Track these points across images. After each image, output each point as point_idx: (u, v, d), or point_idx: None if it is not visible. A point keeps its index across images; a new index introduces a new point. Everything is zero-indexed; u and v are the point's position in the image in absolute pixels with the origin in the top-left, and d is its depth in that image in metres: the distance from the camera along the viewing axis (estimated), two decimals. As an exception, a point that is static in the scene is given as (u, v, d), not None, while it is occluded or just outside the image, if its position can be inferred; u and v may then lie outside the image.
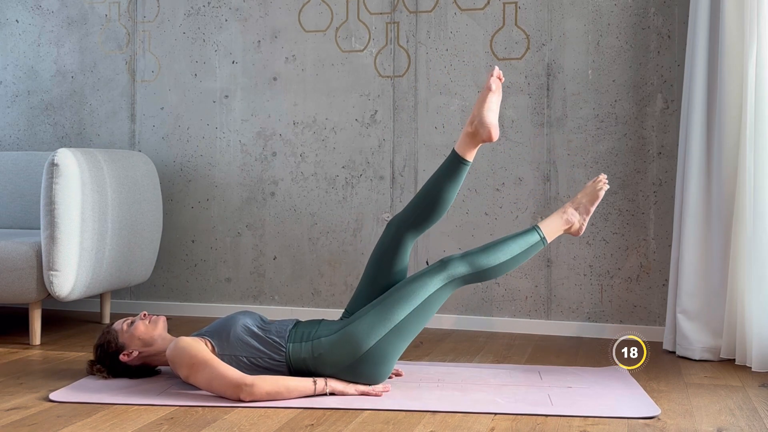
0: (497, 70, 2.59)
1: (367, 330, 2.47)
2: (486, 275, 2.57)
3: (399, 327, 2.48)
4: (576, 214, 2.69)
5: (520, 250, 2.59)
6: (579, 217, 2.69)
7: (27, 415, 2.29)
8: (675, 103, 3.34)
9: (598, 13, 3.42)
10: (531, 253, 2.62)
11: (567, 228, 2.69)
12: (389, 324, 2.47)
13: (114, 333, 2.62)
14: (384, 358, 2.48)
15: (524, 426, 2.22)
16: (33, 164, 3.80)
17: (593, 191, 2.70)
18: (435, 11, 3.58)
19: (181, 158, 3.88)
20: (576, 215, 2.69)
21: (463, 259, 2.56)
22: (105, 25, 3.97)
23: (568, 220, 2.68)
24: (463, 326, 3.55)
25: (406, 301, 2.50)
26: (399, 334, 2.48)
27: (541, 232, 2.63)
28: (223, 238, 3.84)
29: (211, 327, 2.59)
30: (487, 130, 2.54)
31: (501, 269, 2.58)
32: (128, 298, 3.96)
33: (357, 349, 2.46)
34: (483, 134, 2.55)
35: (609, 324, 3.40)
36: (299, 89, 3.75)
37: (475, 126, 2.55)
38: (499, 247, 2.59)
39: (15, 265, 3.12)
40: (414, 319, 2.50)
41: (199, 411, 2.33)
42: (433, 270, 2.55)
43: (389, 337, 2.47)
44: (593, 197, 2.69)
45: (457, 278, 2.54)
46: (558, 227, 2.67)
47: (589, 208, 2.69)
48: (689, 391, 2.59)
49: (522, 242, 2.60)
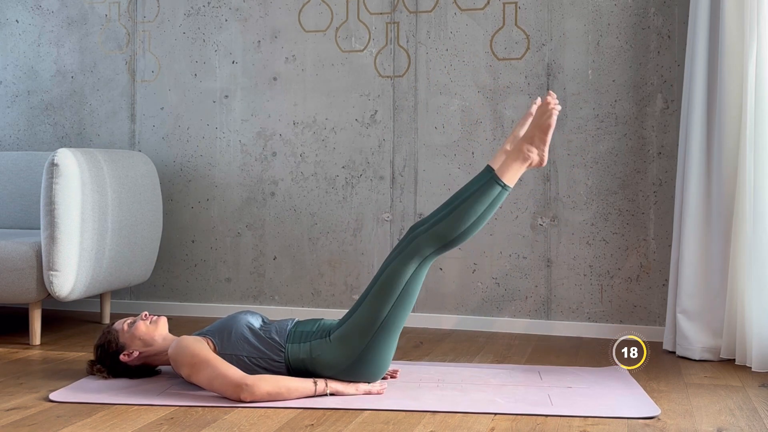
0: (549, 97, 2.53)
1: (357, 333, 2.47)
2: (455, 242, 2.48)
3: (386, 322, 2.48)
4: (533, 149, 2.51)
5: (483, 207, 2.45)
6: (537, 150, 2.52)
7: (27, 415, 2.29)
8: (675, 103, 3.34)
9: (598, 13, 3.42)
10: (496, 206, 2.47)
11: (527, 165, 2.52)
12: (377, 322, 2.47)
13: (114, 333, 2.62)
14: (380, 355, 2.48)
15: (524, 426, 2.22)
16: (33, 164, 3.80)
17: (543, 121, 2.50)
18: (435, 11, 3.58)
19: (181, 158, 3.88)
20: (534, 150, 2.52)
21: (429, 236, 2.46)
22: (105, 25, 3.97)
23: (526, 158, 2.50)
24: (463, 326, 3.55)
25: (386, 296, 2.48)
26: (388, 328, 2.48)
27: (501, 181, 2.47)
28: (223, 238, 3.84)
29: (213, 326, 2.60)
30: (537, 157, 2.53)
31: (468, 233, 2.47)
32: (128, 298, 3.96)
33: (351, 352, 2.46)
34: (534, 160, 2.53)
35: (609, 324, 3.40)
36: (299, 89, 3.75)
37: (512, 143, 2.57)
38: (462, 212, 2.44)
39: (15, 265, 3.12)
40: (399, 310, 2.49)
41: (199, 411, 2.33)
42: (404, 257, 2.48)
43: (379, 334, 2.47)
44: (545, 127, 2.50)
45: (429, 256, 2.49)
46: (519, 170, 2.50)
47: (545, 138, 2.51)
48: (689, 391, 2.59)
49: (484, 199, 2.45)
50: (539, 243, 3.48)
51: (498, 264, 3.52)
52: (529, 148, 2.52)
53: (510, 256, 3.51)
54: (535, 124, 2.53)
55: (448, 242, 2.48)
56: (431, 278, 3.58)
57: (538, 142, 2.52)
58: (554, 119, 2.50)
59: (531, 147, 2.52)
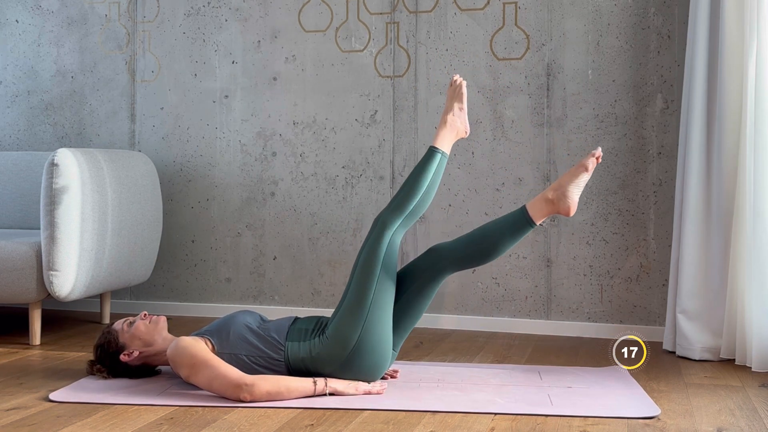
0: (599, 151, 2.60)
1: (349, 322, 2.48)
2: (417, 211, 2.66)
3: (375, 303, 2.50)
4: (455, 119, 2.74)
5: (431, 175, 2.64)
6: (459, 119, 2.74)
7: (27, 415, 2.29)
8: (675, 103, 3.34)
9: (598, 13, 3.42)
10: (441, 171, 2.67)
11: (455, 134, 2.74)
12: (365, 306, 2.49)
13: (114, 333, 2.62)
14: (376, 342, 2.48)
15: (524, 426, 2.22)
16: (33, 164, 3.80)
17: (456, 93, 2.75)
18: (435, 11, 3.58)
19: (181, 158, 3.88)
20: (456, 119, 2.74)
21: (391, 211, 2.61)
22: (105, 25, 3.97)
23: (452, 126, 2.72)
24: (463, 326, 3.55)
25: (368, 277, 2.52)
26: (378, 309, 2.49)
27: (438, 149, 2.67)
28: (223, 238, 3.84)
29: (212, 326, 2.60)
30: (567, 206, 2.59)
31: (426, 200, 2.66)
32: (128, 298, 3.96)
33: (348, 343, 2.46)
34: (562, 208, 2.59)
35: (609, 324, 3.40)
36: (299, 89, 3.75)
37: (557, 195, 2.59)
38: (414, 183, 2.63)
39: (15, 265, 3.12)
40: (383, 288, 2.52)
41: (199, 411, 2.33)
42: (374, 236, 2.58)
43: (371, 317, 2.48)
44: (459, 96, 2.74)
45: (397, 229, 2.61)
46: (449, 137, 2.72)
47: (461, 106, 2.75)
48: (689, 391, 2.59)
49: (429, 167, 2.65)
50: (539, 243, 3.48)
51: (498, 264, 3.52)
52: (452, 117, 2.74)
53: (510, 256, 3.51)
54: (450, 98, 2.76)
55: (409, 212, 2.62)
56: (431, 278, 3.58)
57: (457, 111, 2.75)
58: (465, 89, 2.74)
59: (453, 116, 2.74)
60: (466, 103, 2.75)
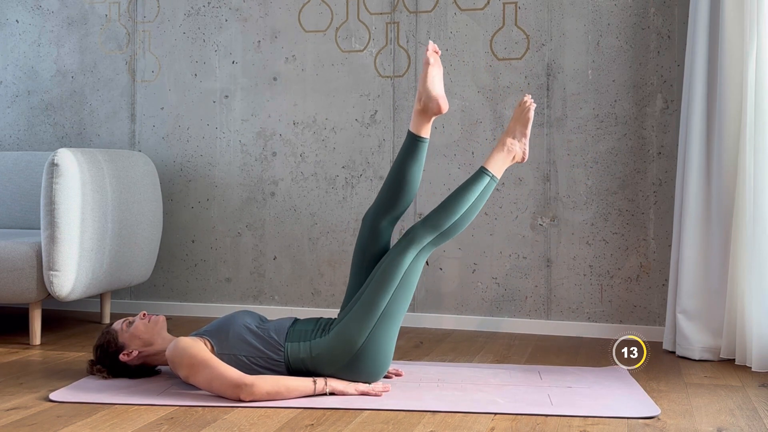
0: (432, 44, 2.66)
1: (357, 325, 2.48)
2: (451, 232, 2.61)
3: (386, 313, 2.49)
4: (515, 142, 2.71)
5: (474, 197, 2.62)
6: (519, 143, 2.72)
7: (27, 415, 2.29)
8: (675, 103, 3.34)
9: (598, 13, 3.42)
10: (486, 195, 2.65)
11: (511, 159, 2.71)
12: (376, 313, 2.48)
13: (113, 333, 2.62)
14: (380, 349, 2.48)
15: (524, 426, 2.22)
16: (33, 164, 3.80)
17: (523, 116, 2.72)
18: (435, 11, 3.58)
19: (181, 158, 3.88)
20: (515, 143, 2.71)
21: (425, 226, 2.59)
22: (105, 25, 3.97)
23: (510, 150, 2.70)
24: (463, 326, 3.55)
25: (385, 285, 2.51)
26: (388, 319, 2.49)
27: (489, 172, 2.66)
28: (223, 238, 3.84)
29: (211, 326, 2.59)
30: (435, 102, 2.59)
31: (463, 222, 2.61)
32: (128, 298, 3.96)
33: (352, 346, 2.46)
34: (432, 108, 2.60)
35: (609, 324, 3.40)
36: (299, 89, 3.75)
37: (423, 102, 2.61)
38: (455, 201, 2.61)
39: (15, 265, 3.12)
40: (398, 301, 2.51)
41: (199, 411, 2.33)
42: (401, 247, 2.56)
43: (379, 325, 2.48)
44: (524, 121, 2.72)
45: (426, 246, 2.58)
46: (503, 161, 2.70)
47: (524, 131, 2.72)
48: (689, 391, 2.59)
49: (475, 189, 2.62)
50: (539, 243, 3.48)
51: (498, 264, 3.52)
52: (511, 141, 2.72)
53: (510, 256, 3.51)
54: (515, 119, 2.74)
55: (443, 231, 2.59)
56: (431, 278, 3.59)
57: (519, 135, 2.72)
58: (531, 114, 2.72)
59: (513, 140, 2.72)
60: (530, 128, 2.73)
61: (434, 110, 2.59)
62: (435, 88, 2.60)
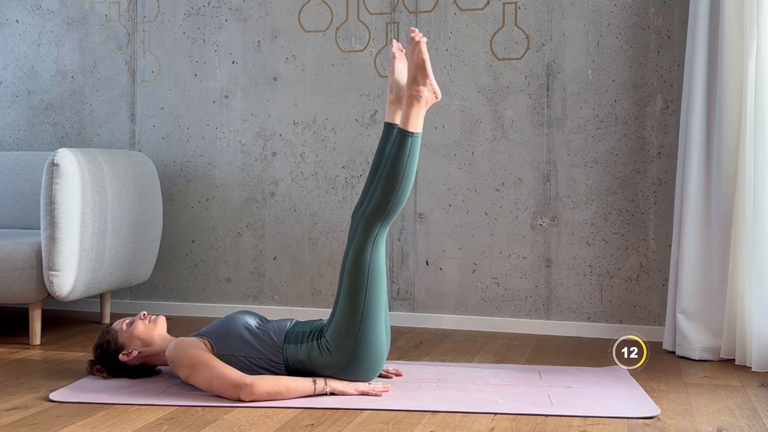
0: (395, 43, 2.74)
1: (344, 330, 2.48)
2: (397, 206, 2.52)
3: (367, 311, 2.49)
4: (421, 88, 2.54)
5: (405, 163, 2.50)
6: (426, 87, 2.54)
7: (27, 415, 2.29)
8: (675, 103, 3.34)
9: (598, 13, 3.42)
10: (416, 155, 2.52)
11: (425, 105, 2.56)
12: (358, 315, 2.48)
13: (113, 333, 2.62)
14: (373, 345, 2.48)
15: (524, 426, 2.22)
16: (33, 164, 3.80)
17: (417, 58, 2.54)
18: (435, 11, 3.58)
19: (181, 158, 3.88)
20: (422, 89, 2.54)
21: (371, 212, 2.52)
22: (105, 25, 3.97)
23: (419, 99, 2.53)
24: (463, 326, 3.55)
25: (357, 283, 2.50)
26: (371, 316, 2.49)
27: (409, 132, 2.52)
28: (223, 238, 3.84)
29: (211, 327, 2.59)
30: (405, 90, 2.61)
31: (404, 192, 2.52)
32: (128, 298, 3.96)
33: (345, 350, 2.47)
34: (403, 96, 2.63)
35: (609, 324, 3.40)
36: (299, 89, 3.75)
37: (395, 92, 2.69)
38: (389, 177, 2.50)
39: (15, 265, 3.12)
40: (374, 294, 2.50)
41: (199, 411, 2.33)
42: (358, 242, 2.53)
43: (365, 324, 2.48)
44: (420, 61, 2.53)
45: (379, 231, 2.53)
46: (419, 113, 2.54)
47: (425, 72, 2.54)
48: (689, 391, 2.59)
49: (402, 155, 2.50)
50: (539, 243, 3.48)
51: (498, 264, 3.52)
52: (417, 88, 2.54)
53: (510, 256, 3.51)
54: (412, 65, 2.57)
55: (390, 210, 2.52)
56: (431, 278, 3.59)
57: (422, 79, 2.55)
58: (425, 51, 2.53)
59: (418, 87, 2.54)
60: (429, 64, 2.54)
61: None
62: (403, 79, 2.69)
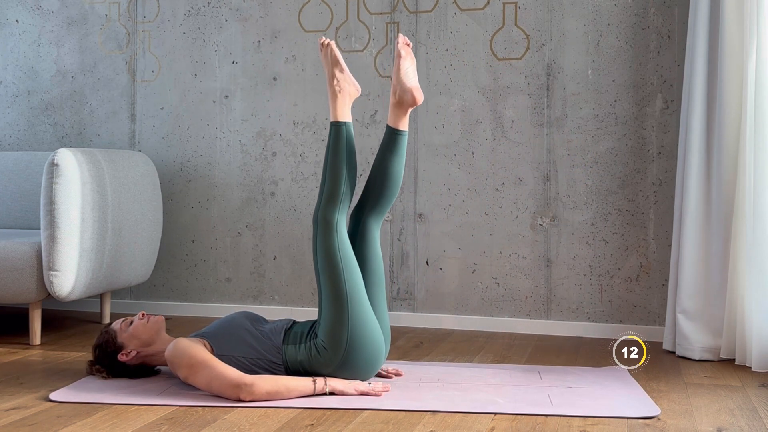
0: (402, 37, 2.68)
1: (335, 322, 2.47)
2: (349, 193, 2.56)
3: (351, 295, 2.48)
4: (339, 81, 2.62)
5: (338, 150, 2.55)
6: (344, 80, 2.63)
7: (27, 415, 2.29)
8: (675, 103, 3.34)
9: (598, 13, 3.42)
10: (342, 140, 2.56)
11: (350, 97, 2.63)
12: (343, 304, 2.47)
13: (112, 333, 2.62)
14: (367, 335, 2.48)
15: (524, 426, 2.22)
16: (33, 164, 3.80)
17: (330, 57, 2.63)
18: (435, 11, 3.58)
19: (181, 158, 3.88)
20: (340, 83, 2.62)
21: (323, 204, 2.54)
22: (105, 25, 3.97)
23: (340, 90, 2.62)
24: (463, 326, 3.55)
25: (333, 276, 2.50)
26: (356, 304, 2.49)
27: (333, 122, 2.58)
28: (223, 238, 3.84)
29: (210, 327, 2.60)
30: (410, 94, 2.61)
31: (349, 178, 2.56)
32: (128, 298, 3.96)
33: (340, 343, 2.46)
34: (408, 100, 2.61)
35: (609, 324, 3.40)
36: (299, 89, 3.75)
37: (398, 95, 2.63)
38: (328, 165, 2.55)
39: (15, 265, 3.12)
40: (351, 280, 2.50)
41: (199, 411, 2.33)
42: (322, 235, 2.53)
43: (353, 311, 2.47)
44: (334, 59, 2.63)
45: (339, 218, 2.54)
46: (342, 105, 2.61)
47: (341, 67, 2.63)
48: (689, 391, 2.59)
49: (333, 144, 2.56)
50: (539, 243, 3.48)
51: (498, 264, 3.52)
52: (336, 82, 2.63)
53: (510, 256, 3.51)
54: (327, 65, 2.65)
55: (341, 196, 2.54)
56: (431, 278, 3.59)
57: (338, 74, 2.63)
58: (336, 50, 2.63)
59: (336, 81, 2.63)
60: (343, 61, 2.64)
61: (409, 102, 2.61)
62: (409, 80, 2.62)
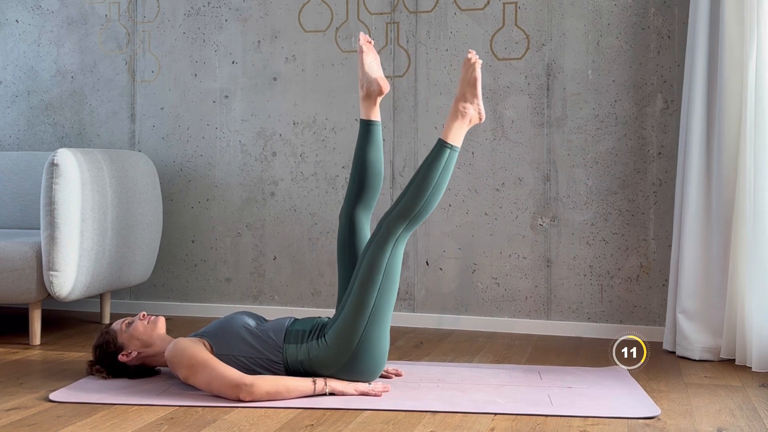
0: (362, 35, 2.77)
1: (349, 327, 2.47)
2: (422, 214, 2.54)
3: (375, 310, 2.48)
4: (468, 105, 2.60)
5: (438, 173, 2.53)
6: (472, 105, 2.61)
7: (27, 415, 2.29)
8: (675, 103, 3.34)
9: (598, 13, 3.42)
10: (450, 168, 2.56)
11: (468, 123, 2.61)
12: (366, 313, 2.47)
13: (113, 333, 2.62)
14: (375, 346, 2.48)
15: (524, 426, 2.22)
16: (33, 164, 3.80)
17: (470, 76, 2.61)
18: (435, 11, 3.58)
19: (181, 158, 3.88)
20: (469, 106, 2.60)
21: (395, 215, 2.53)
22: (105, 25, 3.97)
23: (464, 115, 2.59)
24: (463, 326, 3.55)
25: (370, 283, 2.49)
26: (378, 316, 2.49)
27: (448, 144, 2.56)
28: (223, 238, 3.84)
29: (210, 327, 2.59)
30: (376, 83, 2.70)
31: (432, 201, 2.53)
32: (128, 298, 3.96)
33: (347, 349, 2.46)
34: (375, 89, 2.71)
35: (609, 324, 3.40)
36: (299, 89, 3.75)
37: (365, 87, 2.72)
38: (420, 183, 2.53)
39: (15, 265, 3.12)
40: (385, 295, 2.50)
41: (199, 411, 2.33)
42: (378, 241, 2.52)
43: (371, 323, 2.47)
44: (473, 80, 2.60)
45: (401, 234, 2.54)
46: (461, 128, 2.59)
47: (475, 92, 2.61)
48: (689, 391, 2.59)
49: (438, 165, 2.53)
50: (539, 243, 3.48)
51: (498, 264, 3.52)
52: (464, 105, 2.61)
53: (510, 256, 3.51)
54: (463, 82, 2.63)
55: (415, 215, 2.53)
56: (431, 278, 3.59)
57: (470, 97, 2.61)
58: (479, 72, 2.61)
59: (465, 104, 2.61)
60: (480, 85, 2.61)
61: (377, 91, 2.70)
62: (373, 71, 2.72)
